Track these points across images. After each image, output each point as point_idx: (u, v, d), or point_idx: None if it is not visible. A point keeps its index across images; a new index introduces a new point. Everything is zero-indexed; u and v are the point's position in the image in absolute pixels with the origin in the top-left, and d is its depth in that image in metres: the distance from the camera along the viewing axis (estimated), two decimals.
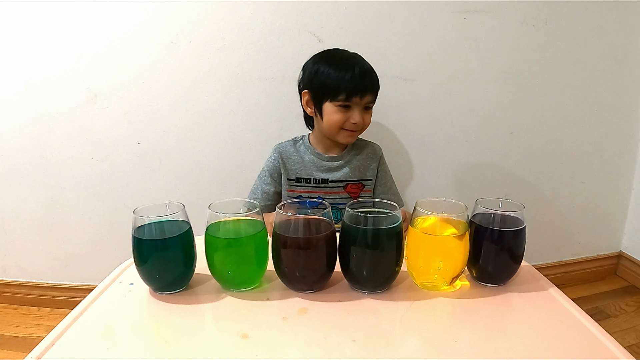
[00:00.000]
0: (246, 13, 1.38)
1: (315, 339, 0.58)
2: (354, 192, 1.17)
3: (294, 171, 1.17)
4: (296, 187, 1.17)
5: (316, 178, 1.16)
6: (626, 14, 1.56)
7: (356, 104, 1.06)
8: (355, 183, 1.17)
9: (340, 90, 1.05)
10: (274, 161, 1.18)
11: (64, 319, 0.62)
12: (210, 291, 0.70)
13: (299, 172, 1.17)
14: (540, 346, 0.57)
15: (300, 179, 1.17)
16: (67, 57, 1.41)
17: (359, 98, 1.05)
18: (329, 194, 1.16)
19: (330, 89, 1.06)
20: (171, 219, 0.68)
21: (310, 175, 1.16)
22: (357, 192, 1.18)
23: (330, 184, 1.16)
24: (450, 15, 1.45)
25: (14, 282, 1.67)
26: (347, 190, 1.17)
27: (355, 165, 1.17)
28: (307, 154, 1.17)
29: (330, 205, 1.04)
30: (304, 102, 1.14)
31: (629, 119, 1.69)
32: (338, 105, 1.06)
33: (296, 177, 1.17)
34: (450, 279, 0.70)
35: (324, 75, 1.07)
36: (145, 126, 1.47)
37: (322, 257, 0.67)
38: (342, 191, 1.16)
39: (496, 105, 1.56)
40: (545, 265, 1.79)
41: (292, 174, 1.17)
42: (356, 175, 1.17)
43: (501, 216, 0.71)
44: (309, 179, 1.16)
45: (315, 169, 1.16)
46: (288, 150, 1.18)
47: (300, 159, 1.17)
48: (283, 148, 1.19)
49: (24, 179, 1.53)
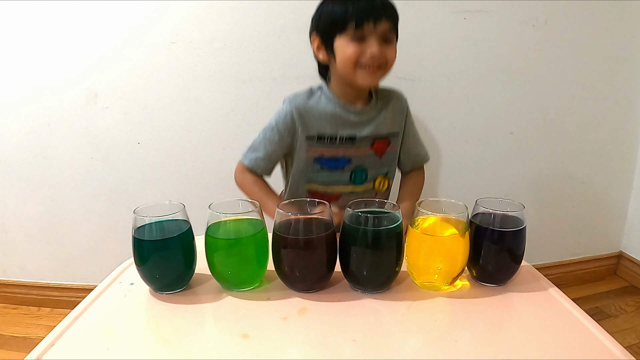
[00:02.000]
0: (246, 13, 1.38)
1: (315, 339, 0.58)
2: (380, 149, 1.02)
3: (314, 127, 0.98)
4: (317, 147, 0.99)
5: (342, 136, 0.98)
6: (626, 14, 1.56)
7: (371, 34, 0.88)
8: (382, 139, 1.02)
9: (348, 17, 0.88)
10: (286, 116, 0.97)
11: (64, 319, 0.62)
12: (210, 291, 0.70)
13: (322, 129, 0.98)
14: (540, 346, 0.57)
15: (323, 137, 0.98)
16: (67, 57, 1.41)
17: (373, 24, 0.88)
18: (356, 153, 1.00)
19: (337, 20, 0.90)
20: (171, 219, 0.68)
21: (336, 132, 0.98)
22: (384, 149, 1.03)
23: (358, 142, 0.99)
24: (450, 15, 1.45)
25: (14, 282, 1.67)
26: (374, 147, 1.01)
27: (383, 119, 1.01)
28: (329, 107, 0.98)
29: (355, 165, 0.99)
30: (314, 48, 0.99)
31: (629, 119, 1.69)
32: (350, 37, 0.89)
33: (318, 134, 0.98)
34: (450, 279, 0.70)
35: (329, 10, 0.93)
36: (145, 126, 1.47)
37: (322, 257, 0.67)
38: (368, 148, 1.00)
39: (496, 105, 1.56)
40: (545, 265, 1.79)
41: (312, 130, 0.98)
42: (384, 130, 1.02)
43: (501, 216, 0.71)
44: (334, 137, 0.98)
45: (341, 125, 0.98)
46: (305, 103, 0.99)
47: (322, 113, 0.98)
48: (299, 100, 0.99)
49: (24, 179, 1.53)
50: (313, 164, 1.00)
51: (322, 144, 0.98)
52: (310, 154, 0.99)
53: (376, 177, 1.04)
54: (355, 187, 1.02)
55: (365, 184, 1.03)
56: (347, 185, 1.02)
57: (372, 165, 1.02)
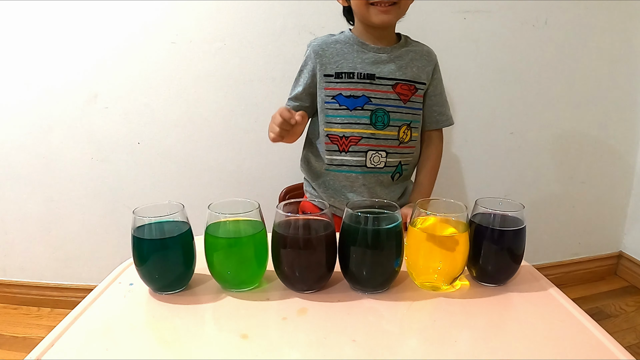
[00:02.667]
0: (246, 13, 1.38)
1: (315, 339, 0.58)
2: (404, 94, 0.99)
3: (332, 65, 0.98)
4: (335, 84, 0.98)
5: (361, 72, 0.97)
6: (626, 14, 1.56)
7: None
8: (406, 83, 0.99)
9: None
10: (307, 58, 1.01)
11: (64, 319, 0.62)
12: (210, 291, 0.70)
13: (340, 65, 0.98)
14: (540, 346, 0.57)
15: (341, 74, 0.97)
16: (68, 58, 1.41)
17: None
18: (375, 92, 0.97)
19: None
20: (171, 219, 0.68)
21: (354, 68, 0.97)
22: (408, 96, 0.99)
23: (377, 80, 0.97)
24: (450, 15, 1.45)
25: (14, 282, 1.67)
26: (397, 90, 0.98)
27: (407, 62, 1.00)
28: (348, 44, 0.99)
29: (377, 106, 0.97)
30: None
31: (629, 119, 1.69)
32: None
33: (335, 71, 0.98)
34: (450, 279, 0.70)
35: None
36: (145, 126, 1.47)
37: (322, 257, 0.67)
38: (390, 91, 0.98)
39: (496, 105, 1.56)
40: (545, 265, 1.79)
41: (330, 68, 0.98)
42: (408, 74, 0.99)
43: (501, 216, 0.70)
44: (352, 74, 0.97)
45: (360, 61, 0.97)
46: (323, 42, 1.00)
47: (340, 51, 0.98)
48: (318, 41, 1.01)
49: (24, 179, 1.53)
50: (332, 102, 0.98)
51: (340, 80, 0.98)
52: (328, 91, 0.99)
53: (401, 125, 0.99)
54: (377, 131, 0.98)
55: (387, 129, 0.98)
56: (367, 127, 0.98)
57: (395, 110, 0.98)
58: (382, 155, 1.00)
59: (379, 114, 0.98)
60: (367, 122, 0.98)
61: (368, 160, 0.99)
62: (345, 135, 0.99)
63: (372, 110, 0.97)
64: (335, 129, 0.99)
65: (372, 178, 1.01)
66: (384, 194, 1.02)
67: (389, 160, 1.00)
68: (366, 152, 0.99)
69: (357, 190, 1.01)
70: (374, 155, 0.99)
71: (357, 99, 0.97)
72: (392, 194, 1.04)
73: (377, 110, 0.97)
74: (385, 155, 0.99)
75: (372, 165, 1.00)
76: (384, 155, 0.99)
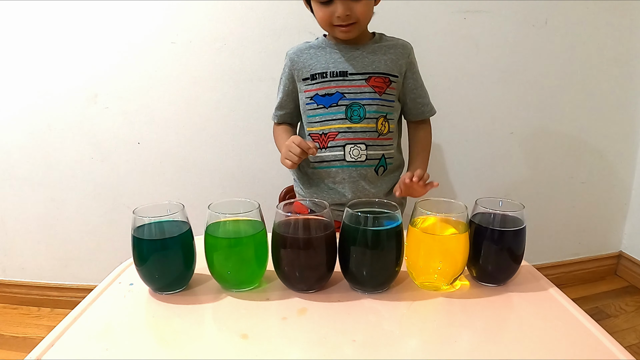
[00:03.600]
0: (246, 13, 1.38)
1: (315, 339, 0.58)
2: (378, 86, 1.01)
3: (307, 68, 1.03)
4: (312, 86, 1.02)
5: (333, 71, 1.01)
6: (626, 14, 1.56)
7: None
8: (379, 76, 1.01)
9: None
10: (285, 67, 1.06)
11: (64, 319, 0.62)
12: (210, 291, 0.70)
13: (314, 67, 1.02)
14: (540, 346, 0.57)
15: (315, 75, 1.02)
16: (68, 58, 1.41)
17: None
18: (349, 88, 1.00)
19: None
20: (171, 219, 0.68)
21: (327, 68, 1.01)
22: (383, 88, 1.01)
23: (350, 76, 1.00)
24: (450, 15, 1.45)
25: (14, 282, 1.67)
26: (371, 83, 1.00)
27: (379, 56, 1.02)
28: (320, 48, 1.04)
29: (352, 101, 0.99)
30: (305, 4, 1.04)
31: (629, 119, 1.69)
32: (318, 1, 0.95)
33: (311, 74, 1.02)
34: (450, 279, 0.70)
35: None
36: (145, 126, 1.47)
37: (321, 257, 0.67)
38: (364, 84, 1.00)
39: (496, 105, 1.56)
40: (545, 265, 1.79)
41: (305, 72, 1.03)
42: (381, 67, 1.01)
43: (501, 216, 0.70)
44: (325, 73, 1.01)
45: (332, 61, 1.01)
46: (298, 49, 1.06)
47: (314, 54, 1.03)
48: (293, 49, 1.07)
49: (24, 179, 1.53)
50: (311, 103, 1.02)
51: (315, 82, 1.02)
52: (307, 93, 1.03)
53: (378, 117, 1.01)
54: (353, 124, 1.00)
55: (364, 122, 1.00)
56: (343, 121, 1.00)
57: (371, 103, 1.00)
58: (362, 149, 1.01)
59: (354, 108, 1.00)
60: (343, 116, 1.00)
61: (347, 153, 1.00)
62: (324, 132, 1.01)
63: (347, 105, 0.99)
64: (315, 128, 1.02)
65: (355, 172, 1.01)
66: (371, 189, 1.02)
67: (369, 152, 1.01)
68: (344, 146, 1.00)
69: (339, 184, 1.02)
70: (353, 149, 1.01)
71: (332, 96, 1.00)
72: (379, 188, 1.04)
73: (352, 104, 0.99)
74: (365, 148, 1.00)
75: (352, 159, 1.00)
76: (364, 148, 1.00)
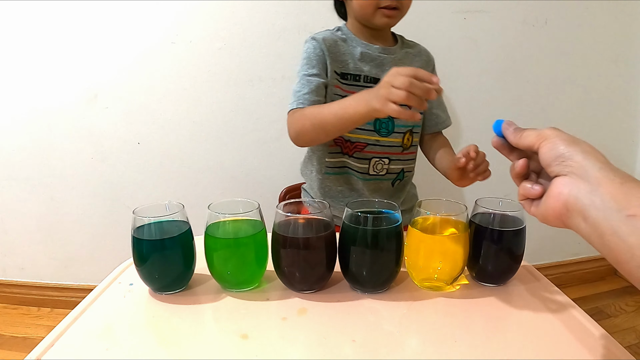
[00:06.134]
0: (246, 13, 1.38)
1: (315, 339, 0.58)
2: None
3: (339, 64, 0.93)
4: (343, 85, 0.94)
5: (367, 75, 0.93)
6: (626, 14, 1.56)
7: None
8: None
9: None
10: (315, 48, 0.92)
11: (64, 319, 0.62)
12: (210, 291, 0.70)
13: (346, 66, 0.93)
14: (540, 346, 0.57)
15: (346, 75, 0.93)
16: (68, 58, 1.41)
17: None
18: None
19: None
20: (171, 219, 0.68)
21: (360, 70, 0.93)
22: None
23: None
24: (450, 15, 1.45)
25: (14, 282, 1.67)
26: None
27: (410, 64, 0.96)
28: (352, 44, 0.94)
29: None
30: None
31: (629, 119, 1.69)
32: None
33: (342, 71, 0.93)
34: (450, 279, 0.70)
35: None
36: (145, 126, 1.47)
37: (322, 257, 0.67)
38: None
39: (496, 105, 1.56)
40: (545, 265, 1.79)
41: (337, 66, 0.93)
42: None
43: (501, 216, 0.70)
44: (358, 77, 0.93)
45: (365, 63, 0.94)
46: (331, 38, 0.94)
47: (345, 50, 0.94)
48: (323, 34, 0.94)
49: (23, 179, 1.54)
50: None
51: (346, 82, 0.93)
52: (337, 90, 0.93)
53: (405, 131, 0.97)
54: (381, 138, 0.95)
55: (391, 136, 0.96)
56: (371, 133, 0.95)
57: None
58: (385, 163, 0.98)
59: (383, 120, 0.95)
60: (371, 128, 0.96)
61: (371, 167, 0.98)
62: (350, 140, 0.97)
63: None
64: None
65: (373, 184, 0.99)
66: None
67: (391, 167, 0.99)
68: (370, 160, 0.97)
69: (354, 192, 1.00)
70: (377, 163, 0.97)
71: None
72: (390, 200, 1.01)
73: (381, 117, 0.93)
74: (388, 162, 0.98)
75: (374, 173, 0.98)
76: (387, 163, 0.98)
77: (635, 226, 0.38)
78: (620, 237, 0.39)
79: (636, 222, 0.38)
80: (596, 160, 0.43)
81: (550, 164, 0.46)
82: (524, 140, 0.50)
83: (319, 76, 0.91)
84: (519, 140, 0.51)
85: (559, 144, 0.45)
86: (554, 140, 0.46)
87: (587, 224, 0.42)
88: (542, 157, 0.47)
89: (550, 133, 0.47)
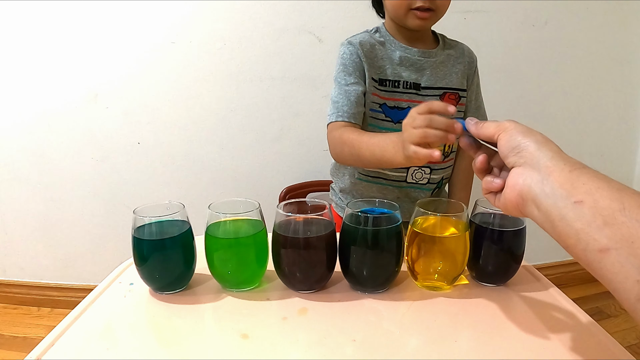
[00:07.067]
0: (246, 13, 1.38)
1: (315, 339, 0.58)
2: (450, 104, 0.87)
3: (377, 69, 0.89)
4: (381, 92, 0.89)
5: (407, 81, 0.89)
6: (626, 14, 1.56)
7: None
8: (453, 92, 0.91)
9: None
10: (352, 54, 0.87)
11: (64, 319, 0.62)
12: (210, 291, 0.70)
13: (383, 72, 0.89)
14: (540, 346, 0.57)
15: (385, 82, 0.88)
16: (68, 57, 1.41)
17: None
18: None
19: None
20: (171, 219, 0.68)
21: (399, 76, 0.89)
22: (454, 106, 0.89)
23: (423, 90, 0.89)
24: (450, 15, 1.44)
25: (14, 282, 1.67)
26: (444, 100, 0.90)
27: (450, 68, 0.92)
28: (390, 47, 0.90)
29: None
30: None
31: (629, 119, 1.69)
32: None
33: (380, 77, 0.89)
34: (451, 279, 0.70)
35: None
36: (145, 126, 1.47)
37: (322, 257, 0.67)
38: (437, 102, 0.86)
39: (496, 105, 1.56)
40: (545, 265, 1.79)
41: (374, 71, 0.89)
42: (453, 82, 0.91)
43: (501, 216, 0.70)
44: (397, 82, 0.88)
45: (404, 68, 0.89)
46: (368, 41, 0.89)
47: (384, 54, 0.89)
48: (360, 38, 0.89)
49: (24, 179, 1.54)
50: (378, 112, 0.89)
51: (384, 89, 0.89)
52: (375, 97, 0.89)
53: None
54: None
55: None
56: None
57: None
58: (426, 172, 0.94)
59: None
60: None
61: (409, 175, 0.94)
62: None
63: None
64: None
65: (412, 192, 0.95)
66: None
67: (432, 177, 0.95)
68: (408, 168, 0.93)
69: None
70: (416, 172, 0.93)
71: (402, 110, 0.89)
72: None
73: None
74: (429, 172, 0.94)
75: (412, 181, 0.94)
76: (428, 172, 0.94)
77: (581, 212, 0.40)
78: (567, 223, 0.41)
79: (582, 208, 0.40)
80: (548, 150, 0.45)
81: (507, 155, 0.48)
82: (484, 131, 0.52)
83: (357, 84, 0.87)
84: (479, 130, 0.53)
85: (516, 135, 0.47)
86: (511, 132, 0.48)
87: (540, 212, 0.44)
88: (501, 149, 0.49)
89: (508, 125, 0.49)
